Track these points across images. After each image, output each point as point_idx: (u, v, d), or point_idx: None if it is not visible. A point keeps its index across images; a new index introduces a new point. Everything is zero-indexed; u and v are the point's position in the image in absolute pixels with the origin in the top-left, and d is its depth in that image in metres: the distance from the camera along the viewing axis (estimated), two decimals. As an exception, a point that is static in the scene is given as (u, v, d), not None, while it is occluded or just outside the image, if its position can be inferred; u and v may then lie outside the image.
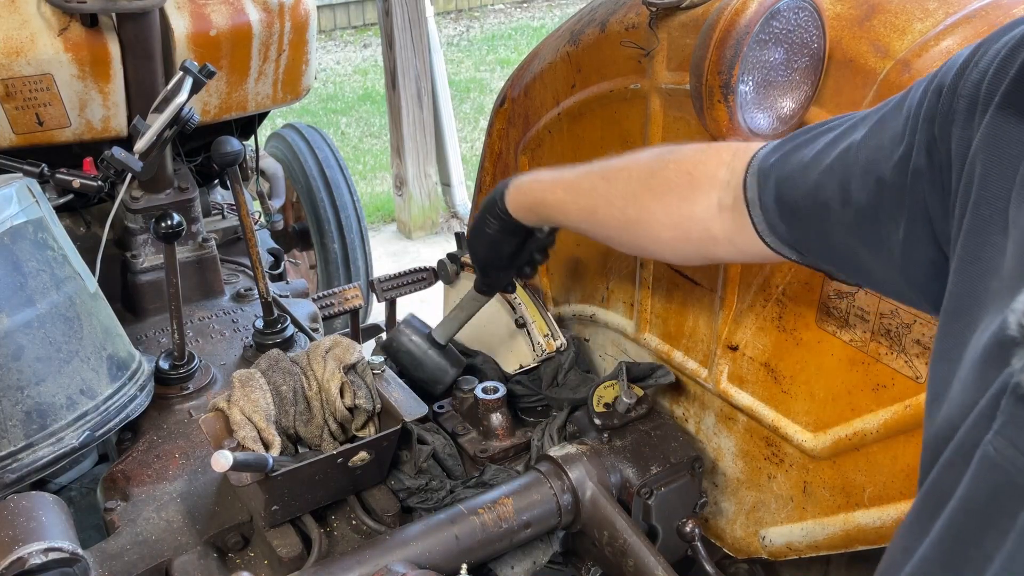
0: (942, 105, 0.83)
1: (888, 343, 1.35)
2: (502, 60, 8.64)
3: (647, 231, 1.25)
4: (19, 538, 1.29)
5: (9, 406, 1.54)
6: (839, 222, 0.97)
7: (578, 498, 1.52)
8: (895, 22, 1.30)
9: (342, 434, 1.60)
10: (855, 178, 0.93)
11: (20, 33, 1.99)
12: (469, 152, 6.38)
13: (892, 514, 1.38)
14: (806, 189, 1.00)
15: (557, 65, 1.86)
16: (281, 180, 3.21)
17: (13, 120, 2.07)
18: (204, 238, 2.46)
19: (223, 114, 2.40)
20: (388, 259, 5.00)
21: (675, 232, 1.22)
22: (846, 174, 0.94)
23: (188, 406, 1.91)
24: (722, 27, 1.27)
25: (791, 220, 1.04)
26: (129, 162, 1.81)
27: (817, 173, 0.98)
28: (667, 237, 1.23)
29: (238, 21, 2.24)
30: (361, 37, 9.58)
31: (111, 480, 1.70)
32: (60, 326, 1.63)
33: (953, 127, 0.80)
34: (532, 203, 1.45)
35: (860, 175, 0.92)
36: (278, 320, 2.11)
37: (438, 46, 5.15)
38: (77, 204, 2.44)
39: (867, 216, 0.93)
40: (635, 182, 1.26)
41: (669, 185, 1.21)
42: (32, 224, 1.64)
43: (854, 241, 0.97)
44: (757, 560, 1.69)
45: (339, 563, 1.35)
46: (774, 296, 1.51)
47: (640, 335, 1.83)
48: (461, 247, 2.12)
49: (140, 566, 1.45)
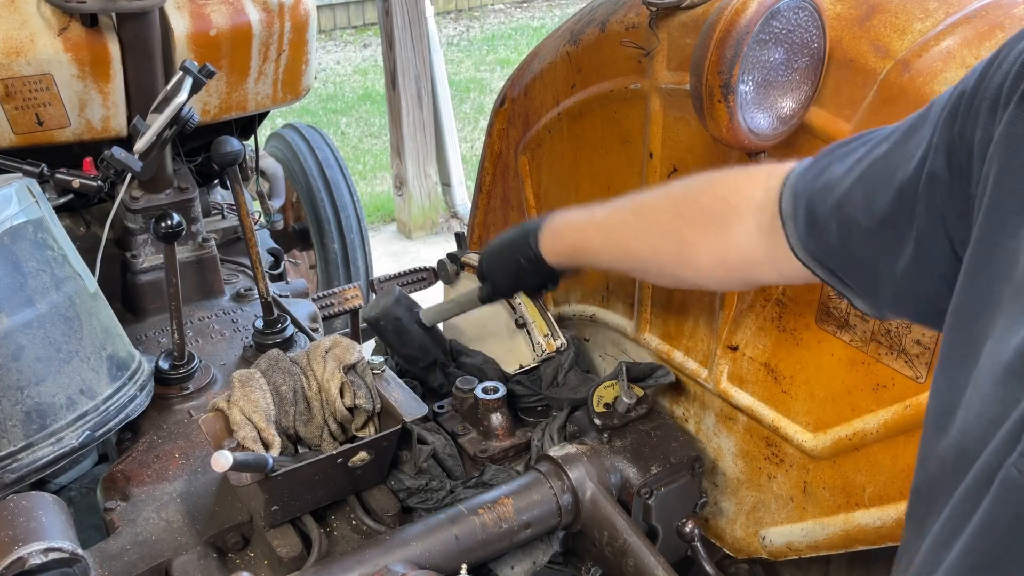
0: (963, 107, 0.81)
1: (888, 343, 1.35)
2: (502, 60, 8.64)
3: (687, 263, 1.23)
4: (19, 538, 1.29)
5: (9, 406, 1.54)
6: (864, 233, 0.94)
7: (578, 498, 1.52)
8: (895, 22, 1.30)
9: (342, 434, 1.60)
10: (880, 189, 0.91)
11: (20, 33, 1.99)
12: (469, 152, 6.37)
13: (892, 514, 1.38)
14: (834, 202, 0.98)
15: (557, 65, 1.86)
16: (281, 180, 3.21)
17: (13, 120, 2.07)
18: (204, 238, 2.46)
19: (223, 114, 2.40)
20: (388, 259, 5.00)
21: (716, 261, 1.18)
22: (872, 185, 0.92)
23: (188, 406, 1.91)
24: (722, 27, 1.27)
25: (821, 234, 1.01)
26: (129, 162, 1.81)
27: (846, 185, 0.96)
28: (708, 267, 1.20)
29: (238, 21, 2.24)
30: (361, 37, 9.57)
31: (111, 480, 1.70)
32: (60, 326, 1.63)
33: (976, 129, 0.78)
34: (568, 249, 1.44)
35: (884, 185, 0.90)
36: (278, 320, 2.11)
37: (438, 46, 5.15)
38: (77, 204, 2.44)
39: (887, 224, 0.90)
40: (670, 214, 1.24)
41: (706, 214, 1.19)
42: (32, 224, 1.64)
43: (875, 252, 0.94)
44: (757, 560, 1.69)
45: (339, 563, 1.35)
46: (774, 296, 1.51)
47: (640, 335, 1.82)
48: (461, 247, 2.12)
49: (140, 566, 1.45)
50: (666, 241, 1.24)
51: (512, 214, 2.20)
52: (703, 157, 1.58)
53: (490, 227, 2.31)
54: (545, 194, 2.05)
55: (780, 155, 1.43)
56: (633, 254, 1.31)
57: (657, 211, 1.27)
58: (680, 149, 1.62)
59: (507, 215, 2.22)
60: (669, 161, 1.65)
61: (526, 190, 2.09)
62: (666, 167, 1.66)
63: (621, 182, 1.80)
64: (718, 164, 1.55)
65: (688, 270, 1.25)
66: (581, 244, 1.41)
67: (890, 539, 1.40)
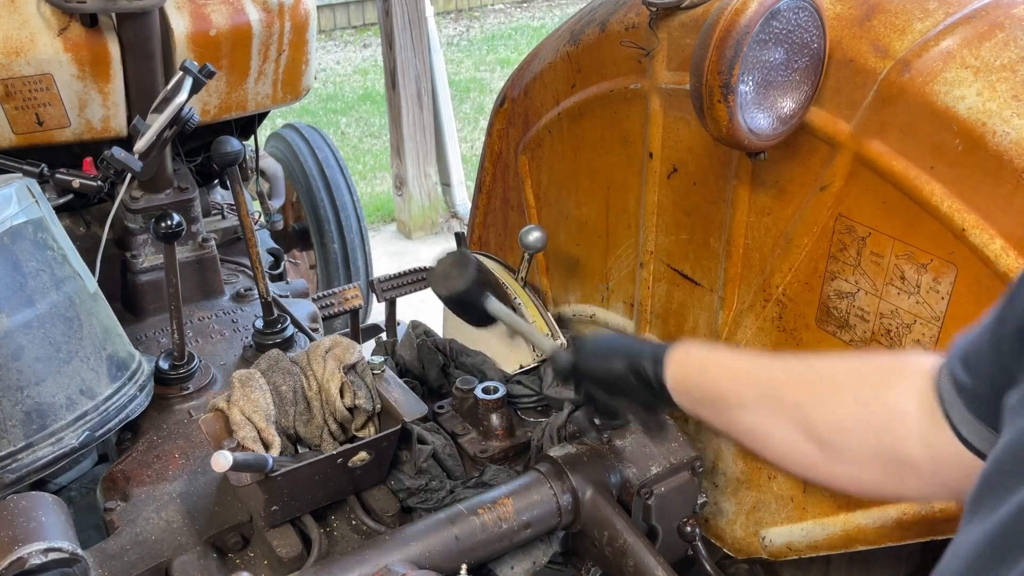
0: None
1: (888, 343, 1.35)
2: (502, 60, 8.63)
3: (827, 413, 1.05)
4: (19, 538, 1.29)
5: (9, 406, 1.54)
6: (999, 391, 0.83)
7: (578, 498, 1.52)
8: (895, 22, 1.30)
9: (342, 434, 1.60)
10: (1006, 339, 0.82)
11: (20, 33, 1.99)
12: (469, 152, 6.37)
13: (892, 514, 1.38)
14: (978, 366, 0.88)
15: (557, 65, 1.86)
16: (281, 180, 3.21)
17: (13, 120, 2.07)
18: (204, 238, 2.46)
19: (223, 114, 2.39)
20: (388, 259, 5.00)
21: (859, 416, 1.02)
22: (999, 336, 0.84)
23: (188, 406, 1.91)
24: (722, 27, 1.27)
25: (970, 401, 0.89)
26: (129, 162, 1.81)
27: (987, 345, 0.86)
28: (850, 423, 1.03)
29: (238, 21, 2.24)
30: (361, 37, 9.57)
31: (111, 480, 1.70)
32: (60, 326, 1.63)
33: None
34: (704, 395, 1.23)
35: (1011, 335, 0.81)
36: (278, 320, 2.11)
37: (438, 46, 5.15)
38: (77, 204, 2.44)
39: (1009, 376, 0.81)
40: (825, 367, 1.10)
41: (865, 370, 1.06)
42: (32, 224, 1.64)
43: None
44: (757, 560, 1.69)
45: (339, 563, 1.35)
46: (774, 296, 1.51)
47: (640, 335, 1.82)
48: (461, 247, 2.12)
49: (140, 566, 1.45)
50: (809, 389, 1.08)
51: (512, 214, 2.20)
52: (703, 157, 1.58)
53: (490, 227, 2.31)
54: (545, 194, 2.05)
55: (780, 155, 1.43)
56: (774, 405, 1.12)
57: (810, 364, 1.13)
58: (680, 149, 1.62)
59: (507, 215, 2.23)
60: (669, 161, 1.65)
61: (526, 190, 2.09)
62: (666, 167, 1.66)
63: (621, 182, 1.80)
64: (718, 164, 1.55)
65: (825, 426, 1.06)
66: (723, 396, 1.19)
67: (890, 539, 1.40)
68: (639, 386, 1.29)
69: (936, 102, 1.22)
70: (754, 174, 1.49)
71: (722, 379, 1.19)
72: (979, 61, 1.22)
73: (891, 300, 1.33)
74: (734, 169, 1.51)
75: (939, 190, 1.23)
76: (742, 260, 1.57)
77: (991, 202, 1.19)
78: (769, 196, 1.49)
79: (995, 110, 1.17)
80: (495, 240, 2.30)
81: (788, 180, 1.45)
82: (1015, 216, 1.17)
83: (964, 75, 1.21)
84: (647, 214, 1.73)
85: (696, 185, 1.62)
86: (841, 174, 1.35)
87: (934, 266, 1.27)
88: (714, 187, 1.58)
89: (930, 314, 1.29)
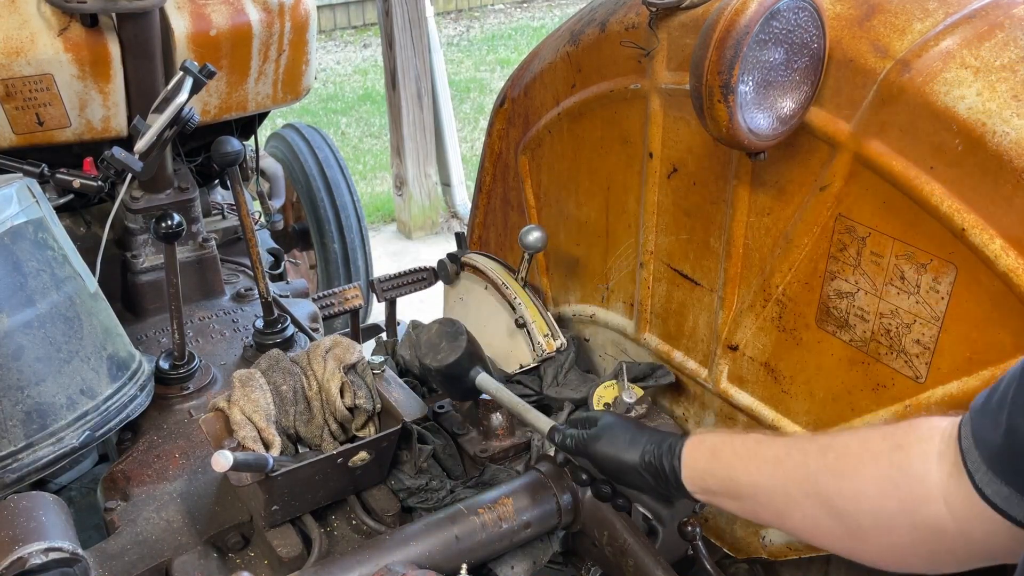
0: None
1: (888, 343, 1.35)
2: (502, 60, 8.63)
3: (843, 484, 1.04)
4: (19, 538, 1.29)
5: (9, 406, 1.54)
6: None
7: (578, 498, 1.52)
8: (895, 22, 1.30)
9: (342, 434, 1.60)
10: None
11: (20, 33, 1.99)
12: (469, 152, 6.37)
13: (892, 514, 1.38)
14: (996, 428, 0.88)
15: (557, 65, 1.86)
16: (281, 180, 3.21)
17: (13, 120, 2.07)
18: (204, 238, 2.46)
19: (223, 114, 2.40)
20: (388, 259, 5.00)
21: (881, 485, 1.01)
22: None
23: (188, 406, 1.91)
24: (722, 27, 1.27)
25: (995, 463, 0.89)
26: (129, 162, 1.81)
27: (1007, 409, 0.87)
28: (870, 491, 1.02)
29: (238, 21, 2.24)
30: (361, 37, 9.57)
31: (111, 480, 1.70)
32: (60, 326, 1.63)
33: None
34: (721, 489, 1.21)
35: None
36: (278, 320, 2.11)
37: (438, 46, 5.15)
38: (77, 204, 2.44)
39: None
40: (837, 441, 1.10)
41: (877, 438, 1.05)
42: (32, 224, 1.64)
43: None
44: (757, 560, 1.69)
45: (339, 563, 1.35)
46: (774, 296, 1.51)
47: (640, 335, 1.83)
48: (461, 247, 2.12)
49: (140, 566, 1.45)
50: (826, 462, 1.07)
51: (512, 214, 2.20)
52: (703, 157, 1.58)
53: (490, 227, 2.31)
54: (545, 194, 2.05)
55: (780, 155, 1.43)
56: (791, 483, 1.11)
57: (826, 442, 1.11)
58: (680, 149, 1.62)
59: (507, 215, 2.23)
60: (669, 161, 1.65)
61: (526, 190, 2.09)
62: (666, 167, 1.66)
63: (621, 182, 1.80)
64: (718, 164, 1.55)
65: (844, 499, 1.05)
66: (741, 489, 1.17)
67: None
68: (653, 481, 1.27)
69: (936, 102, 1.22)
70: (754, 174, 1.49)
71: (736, 466, 1.18)
72: (979, 61, 1.22)
73: (891, 300, 1.34)
74: (734, 169, 1.52)
75: (939, 190, 1.23)
76: (742, 260, 1.57)
77: (991, 202, 1.19)
78: (769, 196, 1.49)
79: (995, 110, 1.17)
80: (495, 240, 2.30)
81: (788, 180, 1.45)
82: (1015, 216, 1.17)
83: (964, 75, 1.21)
84: (647, 214, 1.73)
85: (696, 185, 1.62)
86: (841, 174, 1.35)
87: (934, 266, 1.27)
88: (714, 187, 1.58)
89: (930, 314, 1.29)
